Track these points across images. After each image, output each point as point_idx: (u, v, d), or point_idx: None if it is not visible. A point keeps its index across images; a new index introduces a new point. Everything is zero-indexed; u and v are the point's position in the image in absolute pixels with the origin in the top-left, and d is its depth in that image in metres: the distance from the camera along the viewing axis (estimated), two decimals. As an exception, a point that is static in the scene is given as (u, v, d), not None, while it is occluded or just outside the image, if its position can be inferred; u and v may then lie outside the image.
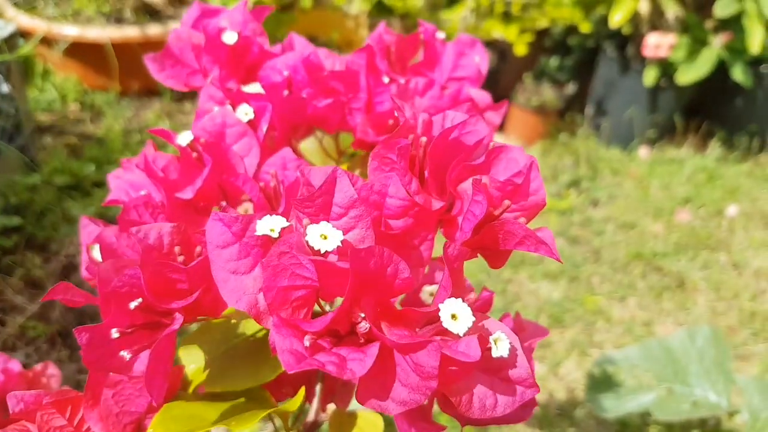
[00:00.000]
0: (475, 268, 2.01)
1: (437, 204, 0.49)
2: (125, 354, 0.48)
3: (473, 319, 0.41)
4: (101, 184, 2.30)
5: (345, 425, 0.56)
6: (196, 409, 0.51)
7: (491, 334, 0.43)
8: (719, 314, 2.10)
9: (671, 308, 2.11)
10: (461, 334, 0.41)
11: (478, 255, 0.51)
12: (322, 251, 0.42)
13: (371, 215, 0.45)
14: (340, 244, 0.42)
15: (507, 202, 0.49)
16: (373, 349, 0.40)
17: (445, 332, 0.41)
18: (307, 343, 0.41)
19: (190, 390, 0.57)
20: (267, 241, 0.45)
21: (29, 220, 2.09)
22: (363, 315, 0.42)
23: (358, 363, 0.40)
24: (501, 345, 0.43)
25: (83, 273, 0.59)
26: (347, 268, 0.40)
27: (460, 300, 0.42)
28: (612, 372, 1.51)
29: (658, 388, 1.42)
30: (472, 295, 0.44)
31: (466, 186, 0.48)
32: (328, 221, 0.44)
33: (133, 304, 0.48)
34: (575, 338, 1.97)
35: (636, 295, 2.16)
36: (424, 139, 0.50)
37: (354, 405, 0.67)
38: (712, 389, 1.37)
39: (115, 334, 0.48)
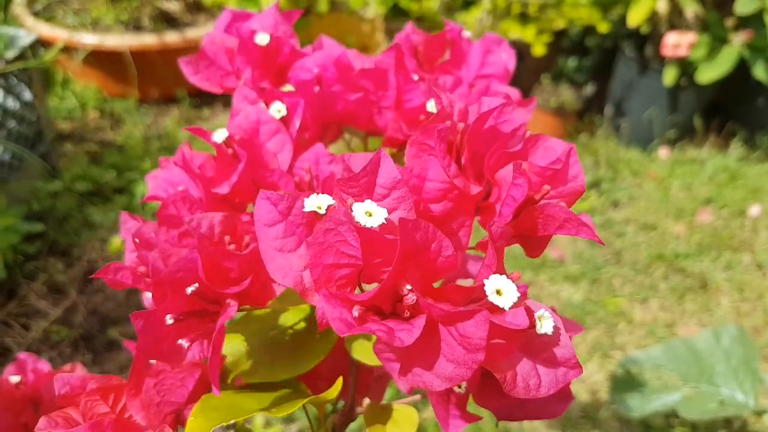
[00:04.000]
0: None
1: (475, 189, 0.49)
2: (183, 342, 0.49)
3: (518, 294, 0.41)
4: (122, 190, 2.33)
5: (380, 418, 0.56)
6: (235, 399, 0.52)
7: (535, 312, 0.43)
8: (743, 315, 2.07)
9: (694, 309, 2.09)
10: (507, 308, 0.41)
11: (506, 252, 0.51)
12: (368, 227, 0.42)
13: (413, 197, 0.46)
14: (384, 221, 0.42)
15: (546, 187, 0.49)
16: (420, 321, 0.41)
17: (491, 308, 0.41)
18: (355, 314, 0.41)
19: (229, 381, 0.58)
20: (312, 219, 0.45)
21: (51, 226, 2.11)
22: (409, 288, 0.42)
23: (406, 333, 0.40)
24: (546, 323, 0.43)
25: (127, 261, 0.60)
26: (393, 241, 0.41)
27: (504, 276, 0.42)
28: (636, 372, 1.50)
29: (684, 387, 1.40)
30: (516, 274, 0.44)
31: (505, 173, 0.48)
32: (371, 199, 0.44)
33: (189, 290, 0.49)
34: (597, 340, 1.95)
35: (658, 296, 2.14)
36: (461, 125, 0.50)
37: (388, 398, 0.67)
38: (739, 389, 1.35)
39: (169, 320, 0.49)
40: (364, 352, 0.58)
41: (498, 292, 0.41)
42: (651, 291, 2.15)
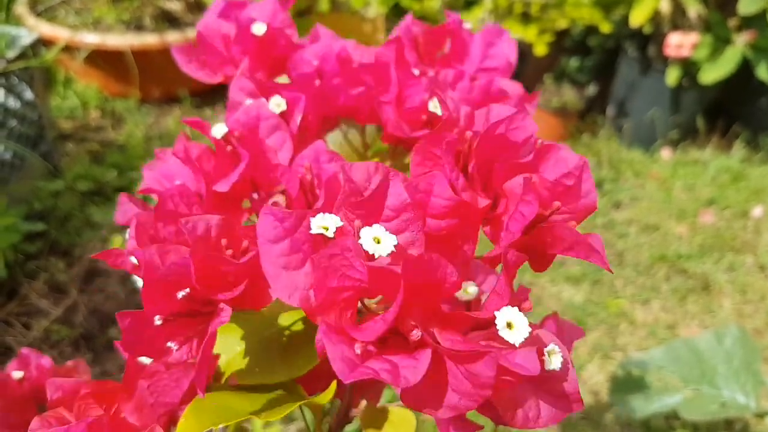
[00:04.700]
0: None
1: (483, 202, 0.48)
2: (173, 345, 0.49)
3: (530, 329, 0.40)
4: (123, 190, 2.32)
5: (377, 420, 0.55)
6: (229, 400, 0.51)
7: (545, 346, 0.42)
8: (745, 317, 2.06)
9: (696, 311, 2.08)
10: (517, 344, 0.39)
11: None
12: (376, 255, 0.40)
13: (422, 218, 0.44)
14: (393, 249, 0.41)
15: (557, 204, 0.47)
16: (426, 355, 0.39)
17: (497, 338, 0.40)
18: (358, 351, 0.40)
19: (222, 381, 0.57)
20: (318, 237, 0.43)
21: (53, 225, 2.11)
22: (413, 323, 0.40)
23: (411, 370, 0.39)
24: (555, 358, 0.41)
25: (128, 246, 0.58)
26: (399, 274, 0.39)
27: (516, 309, 0.40)
28: (637, 373, 1.49)
29: (685, 389, 1.40)
30: (527, 304, 0.43)
31: (513, 184, 0.47)
32: (379, 223, 0.43)
33: (180, 294, 0.47)
34: (598, 341, 1.95)
35: (660, 297, 2.13)
36: (469, 133, 0.49)
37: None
38: (741, 390, 1.35)
39: (158, 321, 0.48)
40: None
41: (509, 326, 0.40)
42: (653, 292, 2.15)
